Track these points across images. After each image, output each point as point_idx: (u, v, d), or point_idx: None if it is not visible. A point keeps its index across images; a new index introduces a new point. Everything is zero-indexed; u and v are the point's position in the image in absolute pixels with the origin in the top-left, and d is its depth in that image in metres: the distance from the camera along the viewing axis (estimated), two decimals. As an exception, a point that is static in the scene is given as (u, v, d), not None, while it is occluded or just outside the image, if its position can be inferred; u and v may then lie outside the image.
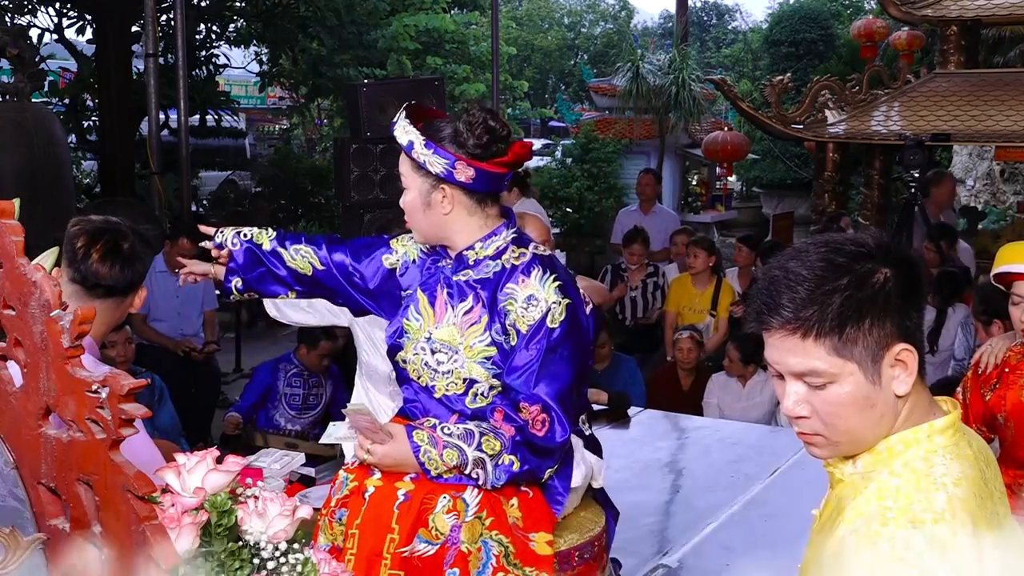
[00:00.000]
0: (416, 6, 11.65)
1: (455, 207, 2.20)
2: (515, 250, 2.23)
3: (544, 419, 2.10)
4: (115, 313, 2.24)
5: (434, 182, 2.18)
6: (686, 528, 3.05)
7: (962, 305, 5.94)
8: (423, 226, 2.24)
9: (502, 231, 2.24)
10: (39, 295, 1.25)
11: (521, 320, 2.13)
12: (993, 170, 13.56)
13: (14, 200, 1.34)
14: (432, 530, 2.05)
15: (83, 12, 10.20)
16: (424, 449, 2.06)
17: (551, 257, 2.26)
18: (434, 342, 2.21)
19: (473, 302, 2.20)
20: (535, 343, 2.11)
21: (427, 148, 2.16)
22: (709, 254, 6.50)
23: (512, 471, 2.07)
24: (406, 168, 2.21)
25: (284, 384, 5.30)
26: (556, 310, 2.12)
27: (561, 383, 2.12)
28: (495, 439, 2.07)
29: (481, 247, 2.22)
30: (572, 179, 12.48)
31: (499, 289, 2.17)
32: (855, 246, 1.33)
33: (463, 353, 2.17)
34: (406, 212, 2.24)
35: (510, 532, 2.07)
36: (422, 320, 2.25)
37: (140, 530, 1.21)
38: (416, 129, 2.17)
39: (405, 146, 2.18)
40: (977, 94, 7.93)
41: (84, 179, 12.44)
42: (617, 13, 31.60)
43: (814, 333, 1.30)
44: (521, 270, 2.18)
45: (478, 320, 2.18)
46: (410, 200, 2.22)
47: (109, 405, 1.21)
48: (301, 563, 1.46)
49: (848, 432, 1.35)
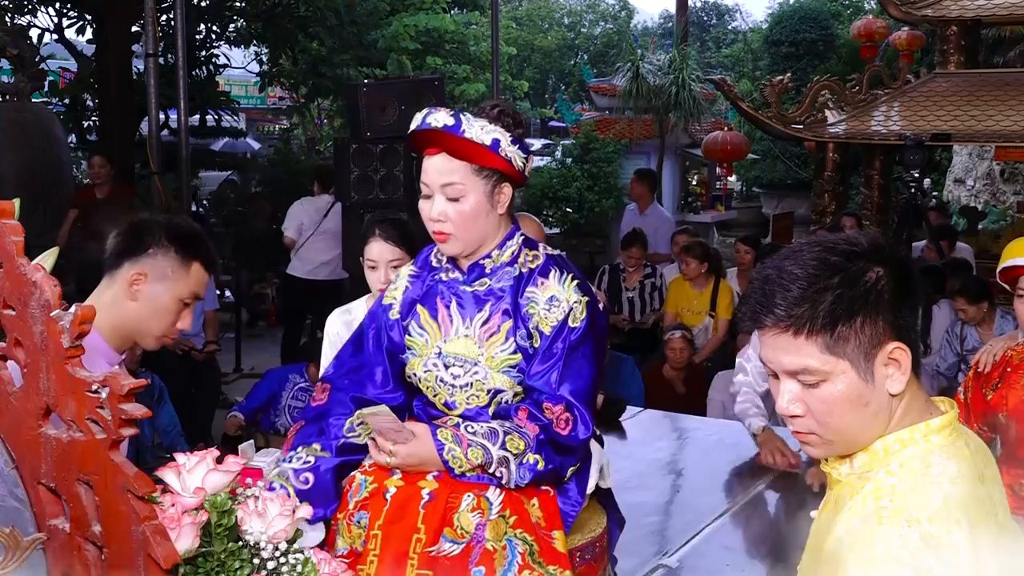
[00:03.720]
0: (416, 6, 11.66)
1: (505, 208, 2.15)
2: (528, 253, 2.19)
3: (568, 418, 2.09)
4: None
5: (496, 181, 2.11)
6: (686, 528, 3.05)
7: (947, 302, 5.94)
8: (476, 235, 2.13)
9: (515, 234, 2.20)
10: (39, 295, 1.25)
11: (544, 322, 2.11)
12: (993, 170, 13.56)
13: (14, 200, 1.34)
14: (457, 529, 2.02)
15: (83, 12, 10.20)
16: (448, 447, 2.03)
17: (562, 255, 2.24)
18: (446, 356, 2.16)
19: (490, 312, 2.15)
20: (558, 343, 2.10)
21: (513, 144, 2.08)
22: (701, 262, 6.41)
23: (537, 470, 2.05)
24: (463, 173, 2.08)
25: (289, 396, 5.29)
26: (577, 309, 2.12)
27: (583, 381, 2.12)
28: (519, 438, 2.05)
29: (498, 253, 2.17)
30: (572, 179, 12.48)
31: (520, 295, 2.14)
32: (848, 245, 1.34)
33: (484, 364, 2.13)
34: (460, 221, 2.09)
35: (534, 531, 2.06)
36: (427, 335, 2.19)
37: (140, 530, 1.21)
38: (498, 125, 2.07)
39: (489, 144, 2.06)
40: (977, 94, 7.93)
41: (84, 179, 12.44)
42: (617, 13, 31.61)
43: (806, 331, 1.31)
44: (538, 272, 2.15)
45: (498, 330, 2.14)
46: (472, 207, 2.09)
47: (109, 405, 1.21)
48: (301, 563, 1.46)
49: (842, 431, 1.36)
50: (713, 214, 13.70)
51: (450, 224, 2.09)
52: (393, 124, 5.63)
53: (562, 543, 2.09)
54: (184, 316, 2.15)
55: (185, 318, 2.15)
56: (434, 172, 2.10)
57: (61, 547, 1.31)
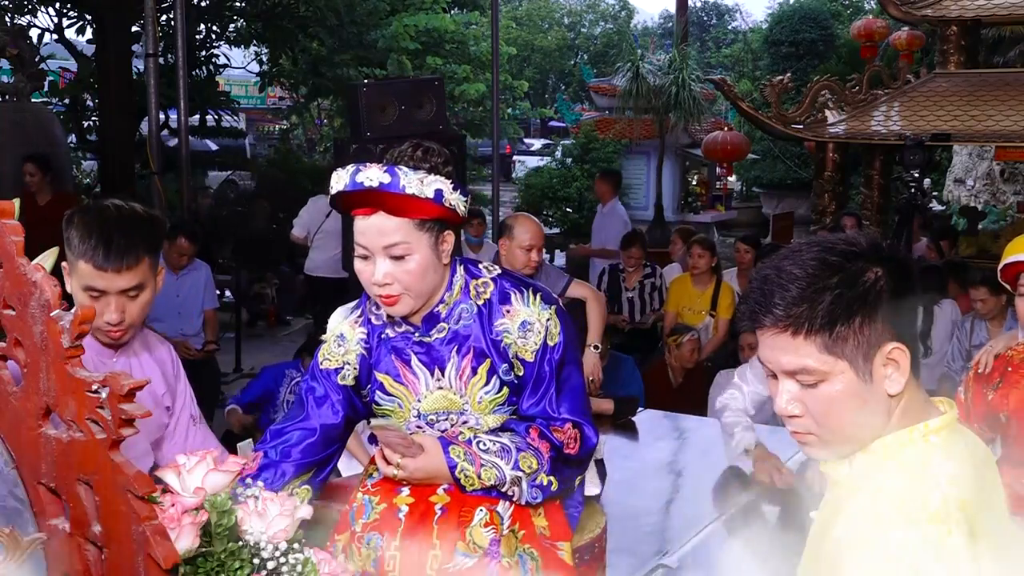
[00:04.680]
0: (416, 6, 11.67)
1: (449, 255, 1.99)
2: (474, 282, 2.04)
3: (575, 435, 2.05)
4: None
5: (438, 231, 1.95)
6: (686, 528, 3.05)
7: (949, 301, 5.92)
8: (426, 290, 1.97)
9: (456, 268, 2.03)
10: (39, 295, 1.25)
11: (523, 349, 2.02)
12: (993, 170, 13.57)
13: (14, 200, 1.34)
14: (470, 543, 1.99)
15: (83, 12, 10.21)
16: (461, 467, 1.97)
17: (507, 272, 2.13)
18: (426, 415, 2.05)
19: (459, 357, 2.02)
20: (544, 366, 2.04)
21: (455, 191, 1.93)
22: (712, 254, 6.54)
23: (550, 491, 2.03)
24: (407, 230, 1.90)
25: (287, 391, 5.29)
26: (551, 325, 2.03)
27: (578, 392, 2.09)
28: (532, 456, 2.00)
29: (449, 295, 2.02)
30: (572, 179, 12.50)
31: (489, 331, 2.02)
32: (847, 245, 1.34)
33: (472, 411, 2.05)
34: (409, 281, 1.93)
35: (539, 544, 2.05)
36: (399, 399, 2.06)
37: (140, 530, 1.21)
38: (439, 175, 1.91)
39: (432, 197, 1.89)
40: (977, 94, 7.93)
41: (84, 179, 12.45)
42: (617, 13, 31.64)
43: (804, 330, 1.31)
44: (498, 301, 2.03)
45: (474, 373, 2.02)
46: (419, 264, 1.92)
47: (109, 405, 1.21)
48: (301, 563, 1.46)
49: (840, 431, 1.36)
50: (713, 214, 13.73)
51: (398, 285, 1.93)
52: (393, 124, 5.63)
53: (568, 555, 2.08)
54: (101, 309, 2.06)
55: (103, 311, 2.06)
56: (374, 234, 1.91)
57: (61, 547, 1.31)
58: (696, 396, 5.58)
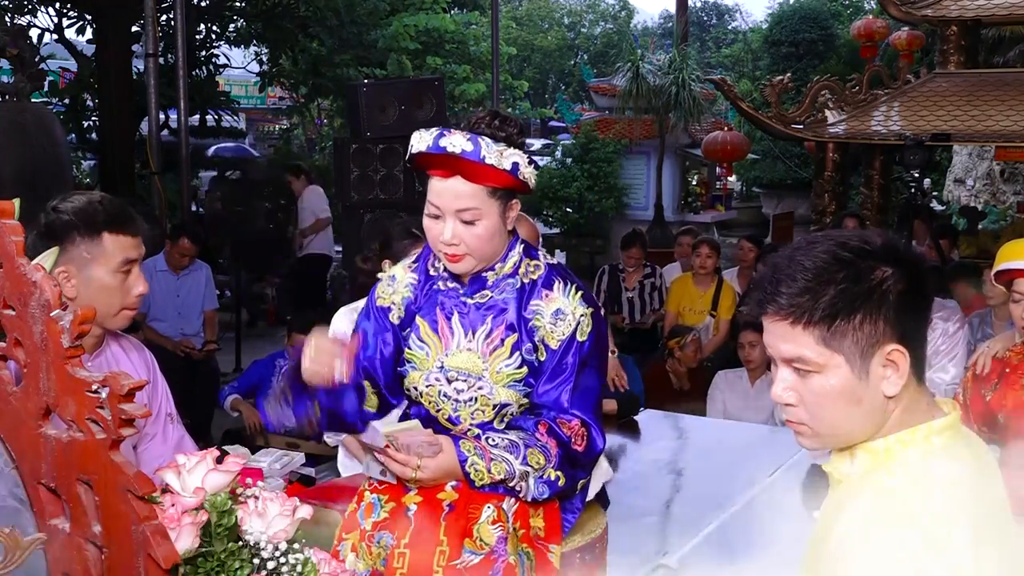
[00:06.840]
0: (416, 6, 11.68)
1: (513, 221, 2.09)
2: (528, 263, 2.13)
3: (583, 433, 2.07)
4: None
5: (507, 199, 2.04)
6: (686, 528, 3.04)
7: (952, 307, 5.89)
8: (489, 254, 2.07)
9: (516, 244, 2.13)
10: (39, 295, 1.25)
11: (551, 336, 2.06)
12: (993, 170, 13.56)
13: (14, 200, 1.34)
14: (477, 540, 2.00)
15: (83, 12, 10.22)
16: (471, 460, 1.99)
17: (562, 265, 2.20)
18: (448, 370, 2.10)
19: (492, 325, 2.09)
20: (568, 358, 2.06)
21: (529, 165, 2.02)
22: (719, 255, 6.61)
23: (557, 486, 2.04)
24: (481, 197, 1.99)
25: (278, 378, 5.28)
26: (584, 322, 2.07)
27: (593, 394, 2.10)
28: (540, 452, 2.02)
29: (501, 266, 2.10)
30: (572, 179, 12.50)
31: (524, 308, 2.08)
32: (861, 243, 1.35)
33: (489, 379, 2.08)
34: (476, 244, 2.02)
35: (534, 544, 2.06)
36: (428, 348, 2.12)
37: (140, 530, 1.21)
38: (514, 146, 2.00)
39: (509, 169, 1.98)
40: (977, 94, 7.93)
41: (84, 179, 12.45)
42: (617, 13, 31.64)
43: (804, 320, 1.33)
44: (542, 284, 2.09)
45: (501, 344, 2.08)
46: (487, 229, 2.02)
47: (109, 405, 1.21)
48: (301, 563, 1.46)
49: (832, 425, 1.37)
50: (713, 214, 13.72)
51: (464, 247, 2.02)
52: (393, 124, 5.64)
53: (557, 558, 2.09)
54: (133, 282, 2.15)
55: (136, 283, 2.15)
56: (449, 197, 2.00)
57: (61, 547, 1.31)
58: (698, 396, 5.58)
